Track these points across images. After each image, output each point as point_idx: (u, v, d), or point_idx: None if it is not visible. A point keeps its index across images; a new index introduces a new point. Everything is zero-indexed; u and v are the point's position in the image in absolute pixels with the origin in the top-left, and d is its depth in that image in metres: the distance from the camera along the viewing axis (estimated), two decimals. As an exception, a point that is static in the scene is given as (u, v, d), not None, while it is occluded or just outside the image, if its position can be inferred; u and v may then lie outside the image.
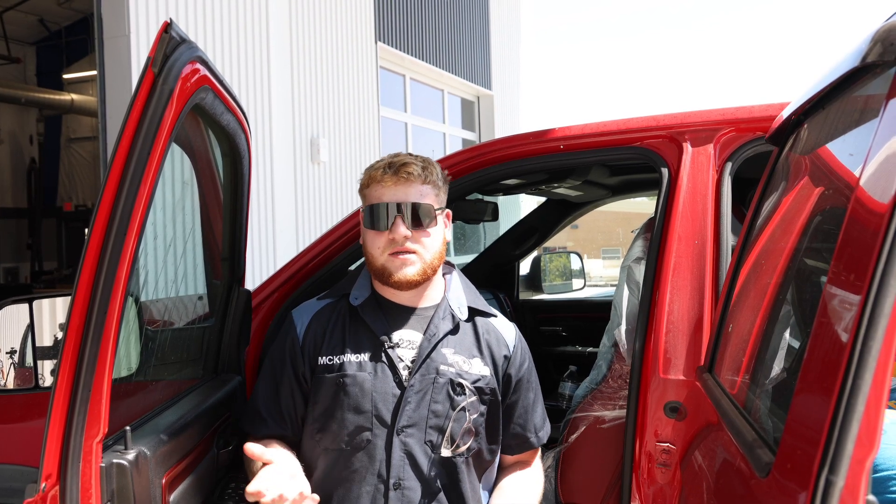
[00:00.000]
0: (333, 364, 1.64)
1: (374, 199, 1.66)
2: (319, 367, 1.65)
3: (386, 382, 1.61)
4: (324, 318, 1.71)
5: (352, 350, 1.64)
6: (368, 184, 1.69)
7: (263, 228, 5.84)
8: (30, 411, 2.23)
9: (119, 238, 1.21)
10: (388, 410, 1.60)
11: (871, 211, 0.80)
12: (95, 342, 1.19)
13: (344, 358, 1.63)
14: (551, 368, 3.72)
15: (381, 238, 1.64)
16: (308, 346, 1.67)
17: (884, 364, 0.70)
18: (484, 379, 1.69)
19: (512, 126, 11.24)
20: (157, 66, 1.25)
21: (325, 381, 1.63)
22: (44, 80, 10.75)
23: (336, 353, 1.64)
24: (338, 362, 1.63)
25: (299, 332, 1.69)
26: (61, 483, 1.19)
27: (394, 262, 1.64)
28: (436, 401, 1.61)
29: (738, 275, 1.57)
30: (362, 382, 1.61)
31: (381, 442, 1.59)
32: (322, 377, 1.64)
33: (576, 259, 4.53)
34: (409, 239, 1.63)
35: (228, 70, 5.47)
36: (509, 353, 1.77)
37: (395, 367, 1.63)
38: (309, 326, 1.69)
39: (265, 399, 1.68)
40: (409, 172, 1.64)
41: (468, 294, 1.80)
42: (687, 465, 1.56)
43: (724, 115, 1.93)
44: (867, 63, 0.91)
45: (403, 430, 1.59)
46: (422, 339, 1.66)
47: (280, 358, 1.69)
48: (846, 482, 0.71)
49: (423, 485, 1.60)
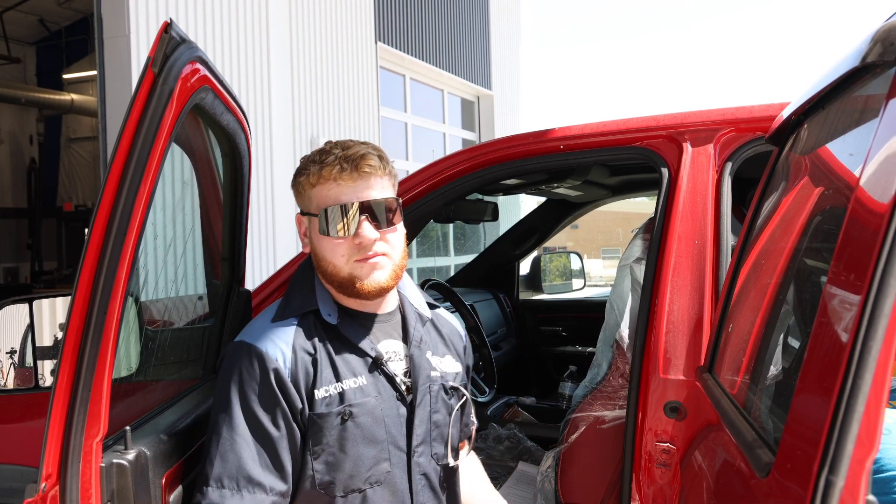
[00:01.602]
0: (332, 395, 1.38)
1: (329, 200, 1.41)
2: (317, 402, 1.37)
3: (391, 403, 1.44)
4: (304, 343, 1.41)
5: (346, 375, 1.41)
6: (317, 182, 1.42)
7: (263, 228, 5.84)
8: (30, 411, 2.23)
9: (119, 238, 1.20)
10: (401, 434, 1.44)
11: (871, 211, 0.80)
12: (95, 342, 1.19)
13: (342, 385, 1.39)
14: (551, 368, 3.72)
15: (344, 244, 1.40)
16: (300, 380, 1.37)
17: (884, 364, 0.70)
18: (459, 375, 1.60)
19: (512, 126, 11.25)
20: (158, 66, 1.25)
21: (328, 419, 1.37)
22: (44, 80, 10.77)
23: (331, 381, 1.39)
24: (336, 392, 1.39)
25: (284, 365, 1.36)
26: (61, 483, 1.19)
27: (363, 268, 1.41)
28: (436, 411, 1.51)
29: (738, 275, 1.57)
30: (372, 409, 1.40)
31: (400, 470, 1.43)
32: (323, 414, 1.37)
33: (576, 259, 4.53)
34: (378, 240, 1.41)
35: (228, 70, 5.47)
36: (464, 342, 1.68)
37: (394, 383, 1.45)
38: (294, 355, 1.38)
39: (254, 458, 1.33)
40: (370, 165, 1.40)
41: (415, 288, 1.64)
42: (687, 465, 1.56)
43: (724, 115, 1.93)
44: (867, 63, 0.91)
45: (415, 450, 1.45)
46: (408, 349, 1.50)
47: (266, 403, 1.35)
48: (846, 482, 0.71)
49: (437, 501, 1.51)
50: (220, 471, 1.32)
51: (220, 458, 1.32)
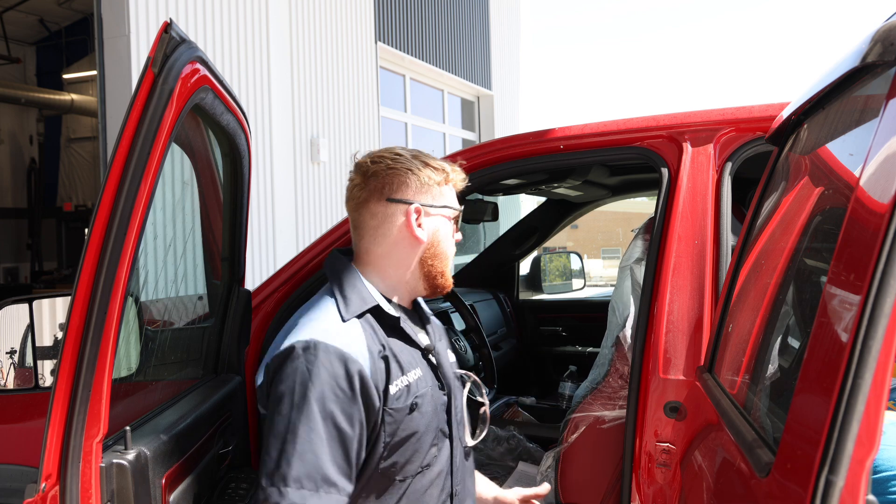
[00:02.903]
0: (402, 389, 1.44)
1: (455, 203, 1.58)
2: (391, 397, 1.42)
3: (437, 391, 1.53)
4: (374, 342, 1.45)
5: (409, 367, 1.48)
6: (446, 183, 1.56)
7: (263, 228, 5.84)
8: (30, 411, 2.23)
9: (119, 238, 1.21)
10: (443, 420, 1.53)
11: (871, 211, 0.80)
12: (95, 342, 1.19)
13: (408, 378, 1.46)
14: (551, 368, 3.72)
15: (454, 243, 1.59)
16: (379, 379, 1.41)
17: (884, 364, 0.70)
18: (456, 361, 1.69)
19: (512, 126, 11.25)
20: (158, 66, 1.25)
21: (401, 411, 1.43)
22: (44, 80, 10.76)
23: (399, 376, 1.45)
24: (405, 385, 1.45)
25: (367, 367, 1.39)
26: (61, 483, 1.20)
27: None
28: (456, 396, 1.60)
29: (738, 275, 1.57)
30: (431, 397, 1.50)
31: (445, 453, 1.53)
32: (398, 408, 1.43)
33: (576, 259, 4.53)
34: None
35: (228, 70, 5.47)
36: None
37: (437, 371, 1.55)
38: (371, 356, 1.41)
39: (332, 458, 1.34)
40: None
41: None
42: (687, 465, 1.56)
43: (724, 115, 1.93)
44: (867, 63, 0.91)
45: (454, 434, 1.56)
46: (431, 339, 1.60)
47: (345, 405, 1.36)
48: (846, 482, 0.71)
49: (468, 482, 1.61)
50: (300, 471, 1.31)
51: (300, 457, 1.31)
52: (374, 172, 1.51)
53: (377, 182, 1.51)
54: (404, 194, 1.51)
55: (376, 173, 1.51)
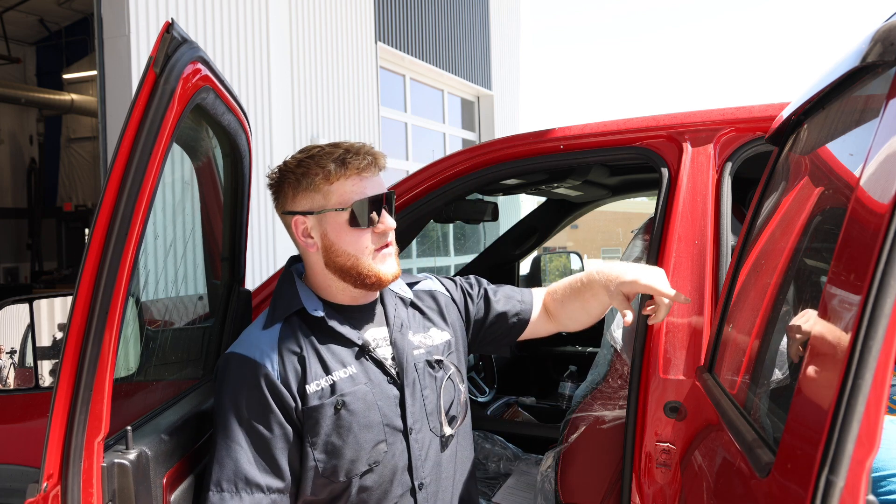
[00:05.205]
0: (324, 388, 1.45)
1: (356, 194, 1.48)
2: (310, 396, 1.44)
3: (382, 387, 1.51)
4: (290, 343, 1.48)
5: (335, 366, 1.48)
6: (339, 177, 1.48)
7: (263, 228, 5.84)
8: (30, 411, 2.24)
9: (120, 239, 1.21)
10: (396, 414, 1.51)
11: (871, 211, 0.80)
12: (96, 342, 1.19)
13: (332, 377, 1.47)
14: (551, 368, 3.72)
15: (367, 235, 1.49)
16: (290, 380, 1.44)
17: (884, 364, 0.71)
18: (449, 343, 1.66)
19: (512, 126, 11.25)
20: (159, 66, 1.25)
21: (322, 410, 1.44)
22: (44, 80, 10.76)
23: (321, 375, 1.47)
24: (327, 384, 1.46)
25: (272, 369, 1.43)
26: (63, 483, 1.20)
27: (383, 259, 1.52)
28: (425, 386, 1.57)
29: (738, 275, 1.57)
30: (364, 395, 1.48)
31: (400, 448, 1.51)
32: (317, 407, 1.44)
33: (576, 259, 4.53)
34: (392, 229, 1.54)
35: (228, 70, 5.48)
36: (448, 293, 1.74)
37: (384, 367, 1.53)
38: (280, 358, 1.45)
39: (250, 460, 1.40)
40: (384, 160, 1.54)
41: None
42: (687, 465, 1.56)
43: (724, 115, 1.93)
44: (867, 63, 0.91)
45: (412, 428, 1.53)
46: (390, 333, 1.58)
47: (257, 408, 1.42)
48: (846, 482, 0.71)
49: (444, 472, 1.58)
50: (219, 475, 1.40)
51: (218, 463, 1.41)
52: (270, 187, 1.57)
53: (273, 197, 1.57)
54: (290, 206, 1.54)
55: (271, 188, 1.57)
